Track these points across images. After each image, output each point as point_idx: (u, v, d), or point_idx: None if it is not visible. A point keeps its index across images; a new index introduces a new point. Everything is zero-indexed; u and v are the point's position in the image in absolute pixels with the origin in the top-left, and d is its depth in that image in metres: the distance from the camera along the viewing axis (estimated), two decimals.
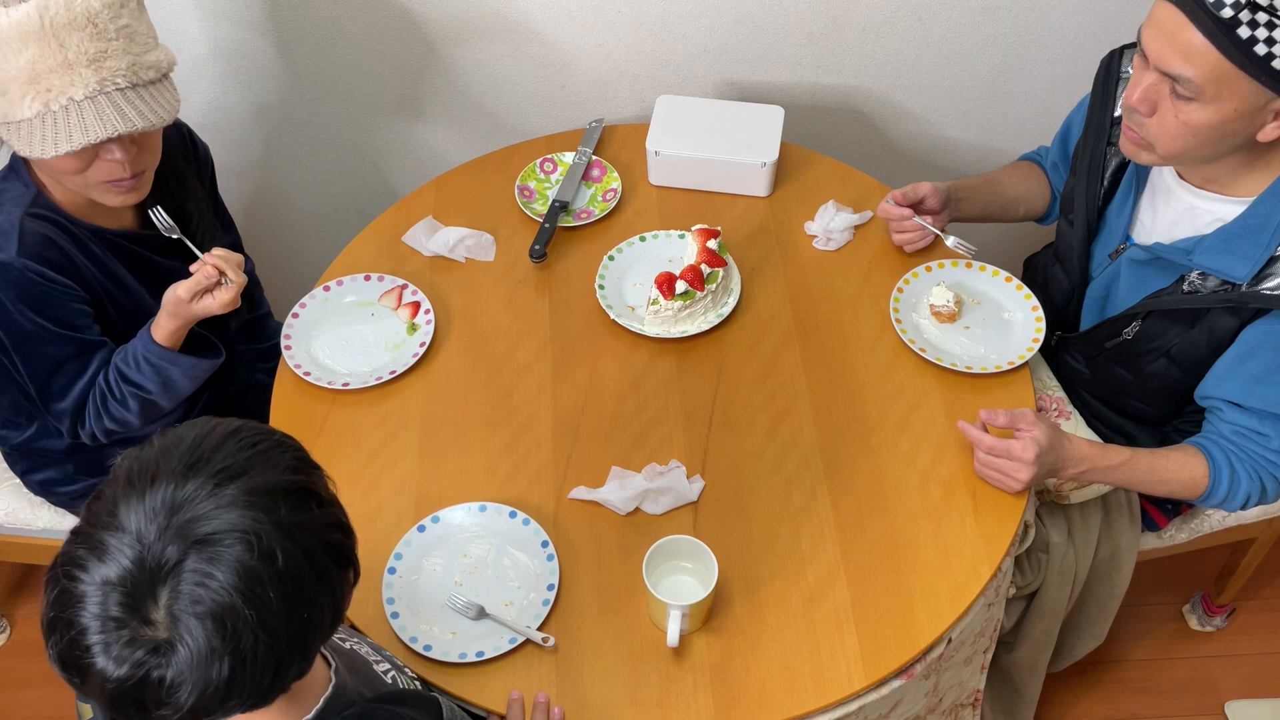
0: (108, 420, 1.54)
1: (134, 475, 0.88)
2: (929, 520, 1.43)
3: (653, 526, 1.43)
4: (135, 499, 0.86)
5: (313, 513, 0.90)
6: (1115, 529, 1.68)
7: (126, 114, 1.34)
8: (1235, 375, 1.42)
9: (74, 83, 1.31)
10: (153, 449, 0.90)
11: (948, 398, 1.55)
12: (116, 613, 0.82)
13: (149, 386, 1.51)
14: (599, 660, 1.32)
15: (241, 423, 0.94)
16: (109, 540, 0.84)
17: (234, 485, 0.86)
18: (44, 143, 1.33)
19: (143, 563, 0.83)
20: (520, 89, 2.08)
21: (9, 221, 1.44)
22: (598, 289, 1.67)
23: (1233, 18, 1.20)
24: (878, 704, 1.33)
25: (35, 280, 1.43)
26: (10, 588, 2.27)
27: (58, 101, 1.31)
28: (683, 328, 1.62)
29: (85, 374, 1.52)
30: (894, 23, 1.97)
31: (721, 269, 1.63)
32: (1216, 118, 1.28)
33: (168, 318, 1.49)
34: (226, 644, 0.83)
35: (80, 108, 1.32)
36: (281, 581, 0.85)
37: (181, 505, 0.85)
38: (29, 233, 1.43)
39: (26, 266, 1.42)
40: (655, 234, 1.74)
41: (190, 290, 1.46)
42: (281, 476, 0.89)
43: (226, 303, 1.48)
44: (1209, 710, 2.09)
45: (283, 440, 0.94)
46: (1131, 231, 1.54)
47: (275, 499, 0.87)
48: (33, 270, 1.42)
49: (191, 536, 0.84)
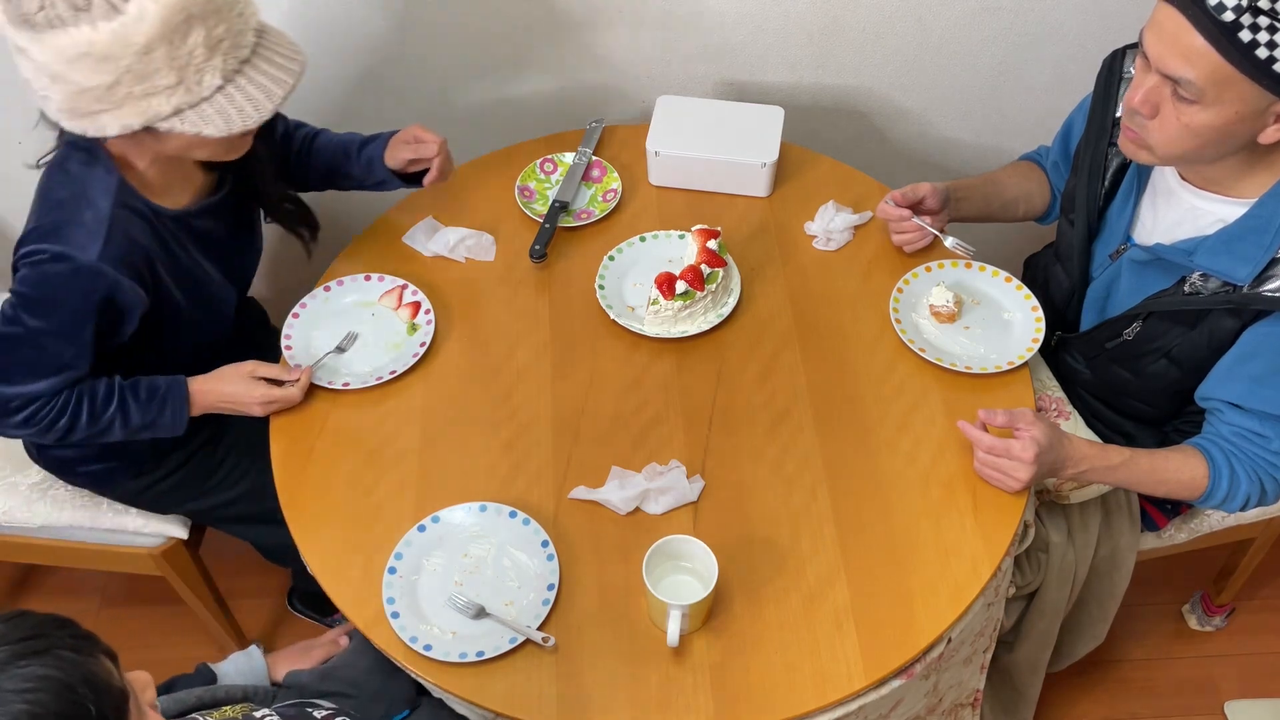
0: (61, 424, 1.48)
1: None
2: (929, 520, 1.43)
3: (653, 526, 1.43)
4: None
5: None
6: (1115, 529, 1.68)
7: (287, 69, 1.33)
8: (1236, 376, 1.42)
9: (242, 46, 1.30)
10: None
11: (948, 398, 1.55)
12: None
13: (140, 422, 1.51)
14: (599, 660, 1.32)
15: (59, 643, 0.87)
16: None
17: None
18: (229, 119, 1.30)
19: None
20: (521, 89, 2.08)
21: (97, 218, 1.38)
22: (598, 289, 1.67)
23: (1234, 21, 1.20)
24: (878, 704, 1.33)
25: (102, 290, 1.39)
26: (10, 587, 2.27)
27: (231, 69, 1.29)
28: (683, 328, 1.62)
29: (54, 380, 1.45)
30: (894, 23, 1.97)
31: (721, 269, 1.63)
32: (1218, 120, 1.28)
33: (215, 395, 1.54)
34: None
35: (255, 71, 1.31)
36: None
37: None
38: (117, 233, 1.39)
39: (100, 273, 1.38)
40: (655, 234, 1.74)
41: (265, 404, 1.52)
42: None
43: (273, 408, 1.54)
44: (1209, 710, 2.09)
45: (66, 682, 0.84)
46: (1132, 232, 1.54)
47: None
48: (106, 279, 1.38)
49: None
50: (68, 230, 1.37)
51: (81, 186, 1.40)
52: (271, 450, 1.53)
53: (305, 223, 1.72)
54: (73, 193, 1.39)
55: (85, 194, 1.39)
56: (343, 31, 1.97)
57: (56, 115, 1.32)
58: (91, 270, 1.37)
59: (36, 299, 1.39)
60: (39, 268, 1.37)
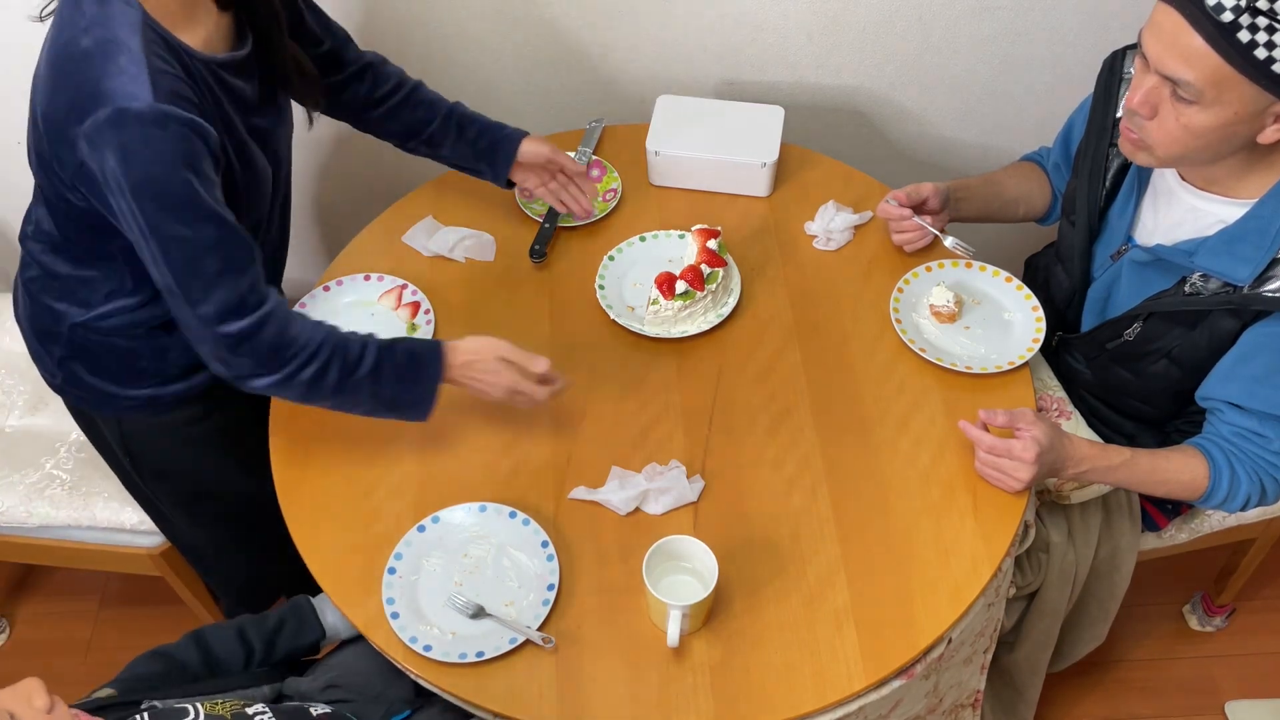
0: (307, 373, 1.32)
1: None
2: (929, 520, 1.43)
3: (653, 526, 1.43)
4: None
5: None
6: (1115, 529, 1.68)
7: None
8: (1236, 377, 1.42)
9: None
10: None
11: (948, 398, 1.55)
12: None
13: (391, 393, 1.39)
14: (599, 660, 1.32)
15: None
16: None
17: None
18: None
19: None
20: (520, 89, 2.08)
21: (133, 58, 1.18)
22: (598, 289, 1.67)
23: (1233, 21, 1.20)
24: (878, 704, 1.33)
25: (181, 131, 1.19)
26: (10, 588, 2.27)
27: None
28: (683, 328, 1.62)
29: (242, 273, 1.27)
30: (894, 23, 1.97)
31: (721, 269, 1.62)
32: (1217, 121, 1.27)
33: (466, 370, 1.41)
34: None
35: None
36: None
37: None
38: (157, 69, 1.19)
39: (169, 113, 1.18)
40: (655, 234, 1.74)
41: (510, 393, 1.42)
42: None
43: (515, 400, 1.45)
44: (1209, 710, 2.09)
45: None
46: (1133, 233, 1.54)
47: None
48: (177, 117, 1.19)
49: None
50: (107, 84, 1.18)
51: (107, 29, 1.20)
52: (271, 450, 1.53)
53: (311, 90, 1.52)
54: (96, 40, 1.20)
55: (115, 36, 1.20)
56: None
57: None
58: (156, 114, 1.18)
59: (139, 184, 1.20)
60: (110, 134, 1.18)
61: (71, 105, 1.20)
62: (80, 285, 1.46)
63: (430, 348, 1.42)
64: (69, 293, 1.47)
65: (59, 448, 1.85)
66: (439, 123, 1.68)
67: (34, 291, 1.51)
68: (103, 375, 1.54)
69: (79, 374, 1.54)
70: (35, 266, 1.50)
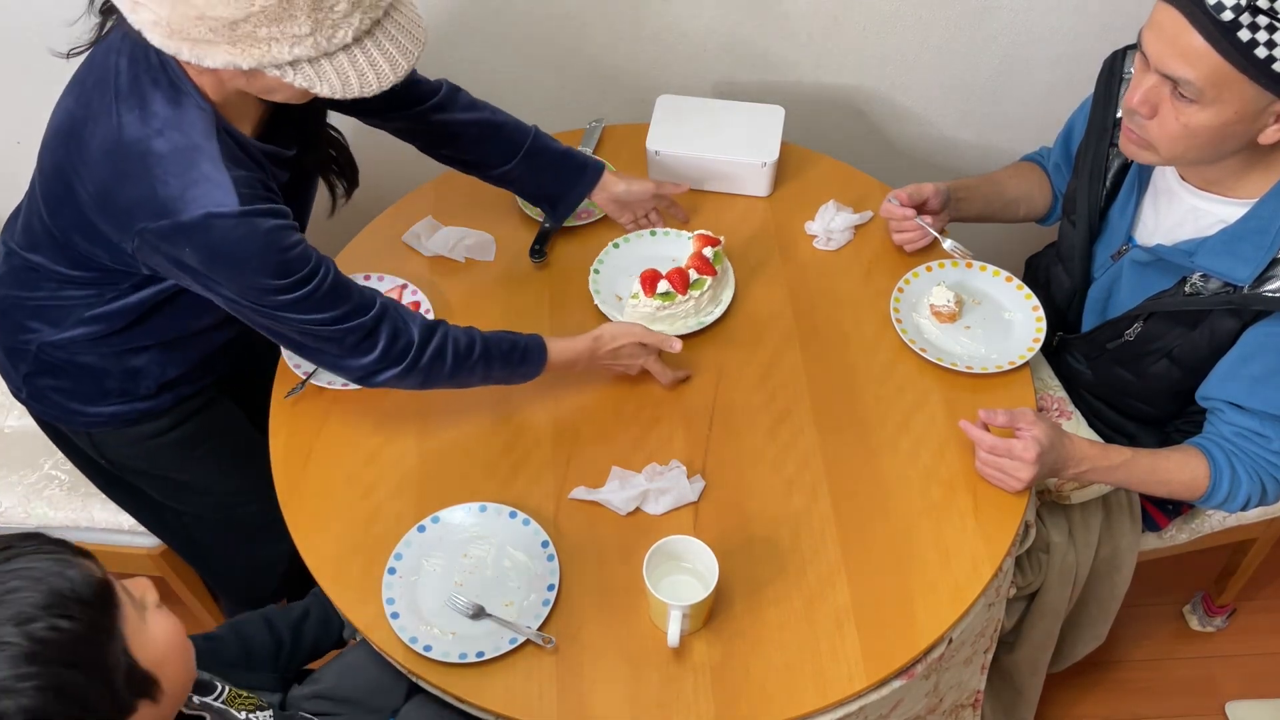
0: (425, 361, 1.40)
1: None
2: (929, 520, 1.43)
3: (653, 526, 1.43)
4: None
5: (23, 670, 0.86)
6: (1116, 529, 1.68)
7: (415, 38, 1.20)
8: (1236, 377, 1.42)
9: (379, 5, 1.17)
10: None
11: (948, 398, 1.55)
12: None
13: (502, 371, 1.48)
14: (599, 660, 1.32)
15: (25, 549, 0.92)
16: None
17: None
18: (347, 81, 1.17)
19: None
20: (520, 89, 2.08)
21: (214, 165, 1.21)
22: (592, 272, 1.67)
23: (1233, 20, 1.20)
24: (878, 704, 1.33)
25: (269, 232, 1.24)
26: None
27: (363, 29, 1.15)
28: (659, 328, 1.60)
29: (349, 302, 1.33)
30: (894, 23, 1.97)
31: (710, 278, 1.61)
32: (1217, 120, 1.27)
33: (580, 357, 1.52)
34: None
35: (384, 36, 1.18)
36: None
37: None
38: (238, 175, 1.23)
39: (254, 216, 1.22)
40: (666, 231, 1.74)
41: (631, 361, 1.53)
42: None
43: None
44: (1209, 710, 2.09)
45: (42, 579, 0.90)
46: (1134, 233, 1.54)
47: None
48: (262, 219, 1.23)
49: None
50: (193, 193, 1.21)
51: (184, 135, 1.22)
52: (271, 450, 1.53)
53: (345, 174, 1.58)
54: (175, 146, 1.22)
55: (193, 140, 1.22)
56: None
57: (150, 28, 1.14)
58: (244, 218, 1.22)
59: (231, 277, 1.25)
60: (205, 236, 1.22)
61: (141, 203, 1.22)
62: (55, 308, 1.46)
63: (534, 338, 1.50)
64: (41, 313, 1.47)
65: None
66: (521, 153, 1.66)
67: (4, 308, 1.50)
68: (69, 394, 1.54)
69: (45, 391, 1.55)
70: (9, 284, 1.48)
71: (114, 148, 1.23)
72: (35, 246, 1.41)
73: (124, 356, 1.50)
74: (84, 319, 1.45)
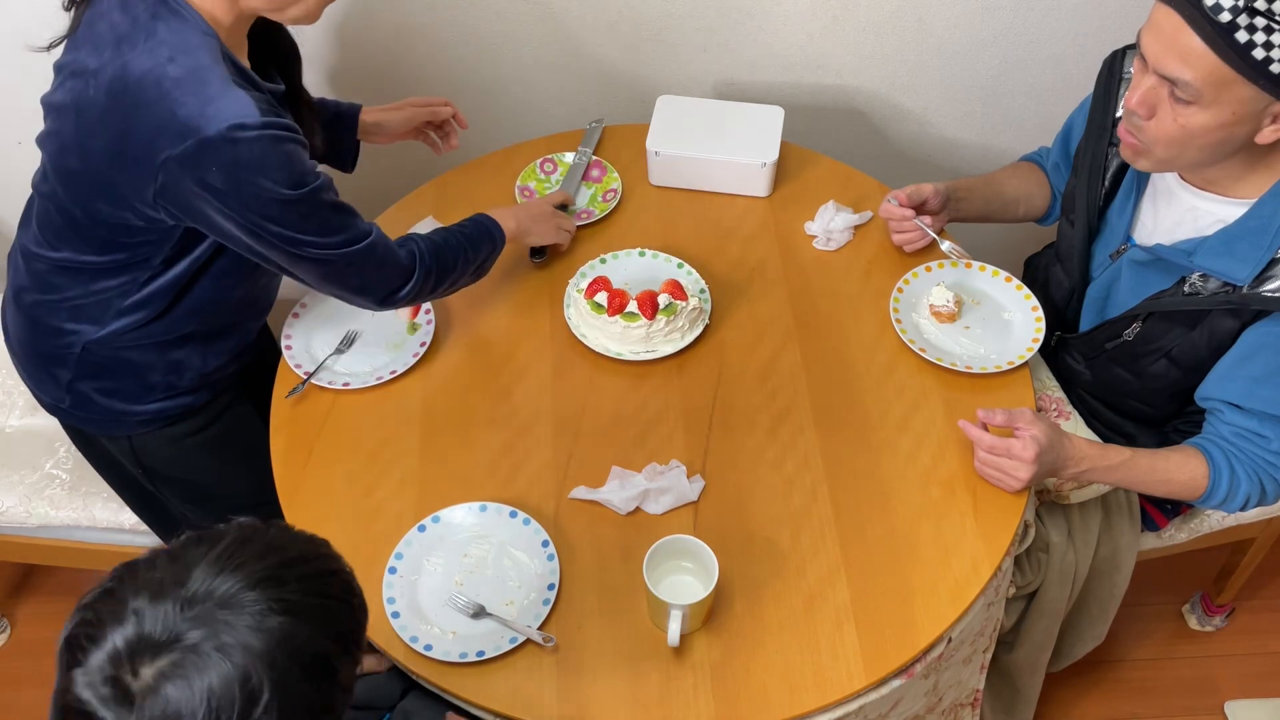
0: (431, 264, 1.47)
1: (211, 539, 0.91)
2: (929, 520, 1.43)
3: (653, 526, 1.43)
4: (199, 559, 0.89)
5: (318, 686, 0.89)
6: (1115, 529, 1.68)
7: None
8: (1235, 377, 1.42)
9: None
10: (247, 529, 0.94)
11: (948, 398, 1.55)
12: (120, 644, 0.85)
13: (479, 256, 1.54)
14: (599, 660, 1.32)
15: (338, 565, 0.96)
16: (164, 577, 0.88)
17: (277, 620, 0.87)
18: None
19: (165, 619, 0.85)
20: (520, 89, 2.08)
21: (225, 80, 1.23)
22: (579, 274, 1.67)
23: (1230, 22, 1.20)
24: (878, 704, 1.33)
25: (286, 138, 1.25)
26: (10, 588, 2.27)
27: None
28: (617, 348, 1.59)
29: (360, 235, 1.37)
30: (894, 23, 1.97)
31: (684, 303, 1.58)
32: (1215, 121, 1.28)
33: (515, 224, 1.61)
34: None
35: None
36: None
37: (223, 601, 0.86)
38: (244, 91, 1.24)
39: (273, 124, 1.23)
40: (655, 254, 1.72)
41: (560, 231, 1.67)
42: (320, 640, 0.90)
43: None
44: (1209, 710, 2.09)
45: (350, 603, 0.96)
46: (1133, 232, 1.54)
47: (296, 658, 0.87)
48: (279, 126, 1.24)
49: (207, 627, 0.85)
50: (214, 108, 1.21)
51: (191, 56, 1.24)
52: (271, 450, 1.53)
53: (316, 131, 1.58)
54: (187, 64, 1.23)
55: (201, 61, 1.24)
56: (343, 33, 1.97)
57: None
58: (266, 127, 1.23)
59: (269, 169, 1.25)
60: (231, 151, 1.22)
61: (162, 130, 1.22)
62: (93, 304, 1.45)
63: (488, 222, 1.58)
64: (80, 312, 1.46)
65: (58, 448, 1.85)
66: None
67: (37, 315, 1.49)
68: (114, 394, 1.53)
69: (89, 395, 1.53)
70: (39, 290, 1.47)
71: (123, 88, 1.24)
72: (60, 240, 1.41)
73: (166, 349, 1.50)
74: (123, 309, 1.44)
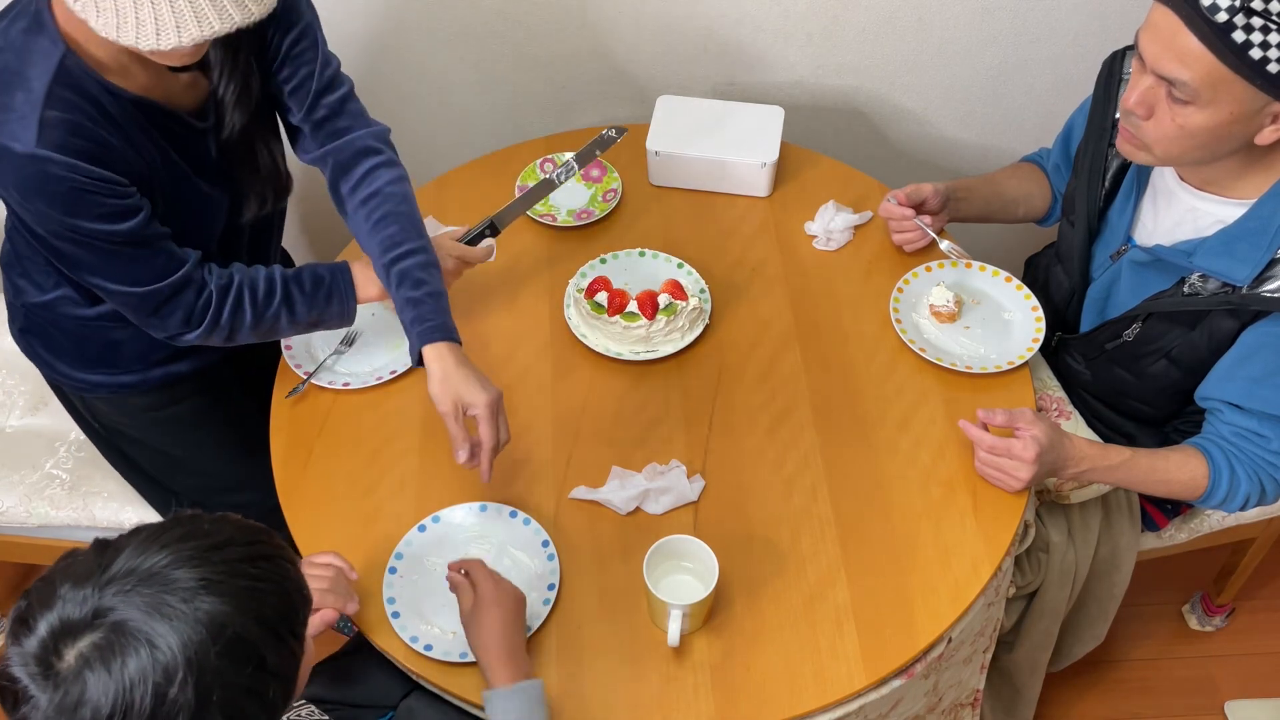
0: (223, 321, 1.40)
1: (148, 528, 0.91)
2: (929, 520, 1.43)
3: (653, 526, 1.43)
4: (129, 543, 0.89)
5: (240, 670, 0.88)
6: (1115, 529, 1.68)
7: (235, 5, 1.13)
8: (1235, 377, 1.42)
9: None
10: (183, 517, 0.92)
11: (948, 398, 1.55)
12: (44, 630, 0.85)
13: (307, 317, 1.46)
14: (599, 660, 1.33)
15: (274, 553, 0.95)
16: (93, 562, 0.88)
17: (201, 599, 0.86)
18: (123, 22, 1.10)
19: (85, 600, 0.85)
20: (520, 89, 2.08)
21: (30, 100, 1.21)
22: (579, 274, 1.67)
23: (1227, 22, 1.20)
24: (878, 703, 1.33)
25: (63, 177, 1.23)
26: (10, 588, 2.27)
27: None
28: (617, 349, 1.59)
29: (171, 267, 1.35)
30: (894, 23, 1.97)
31: (684, 303, 1.58)
32: (1213, 121, 1.28)
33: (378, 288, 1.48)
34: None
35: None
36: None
37: (145, 577, 0.86)
38: (52, 116, 1.22)
39: (49, 160, 1.21)
40: (655, 254, 1.71)
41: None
42: (244, 623, 0.88)
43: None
44: (1209, 710, 2.09)
45: (282, 587, 0.93)
46: (1133, 233, 1.54)
47: (218, 638, 0.86)
48: (57, 164, 1.22)
49: (125, 600, 0.85)
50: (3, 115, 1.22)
51: (19, 61, 1.23)
52: (271, 450, 1.53)
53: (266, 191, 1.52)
54: (7, 66, 1.23)
55: (21, 70, 1.23)
56: (343, 33, 1.97)
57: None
58: (28, 159, 1.21)
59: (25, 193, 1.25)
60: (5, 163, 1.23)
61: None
62: (37, 269, 1.49)
63: (339, 269, 1.49)
64: (26, 273, 1.51)
65: (59, 448, 1.85)
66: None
67: (4, 264, 1.56)
68: (57, 355, 1.58)
69: (37, 349, 1.60)
70: (8, 242, 1.52)
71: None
72: None
73: (104, 329, 1.52)
74: (60, 280, 1.48)
